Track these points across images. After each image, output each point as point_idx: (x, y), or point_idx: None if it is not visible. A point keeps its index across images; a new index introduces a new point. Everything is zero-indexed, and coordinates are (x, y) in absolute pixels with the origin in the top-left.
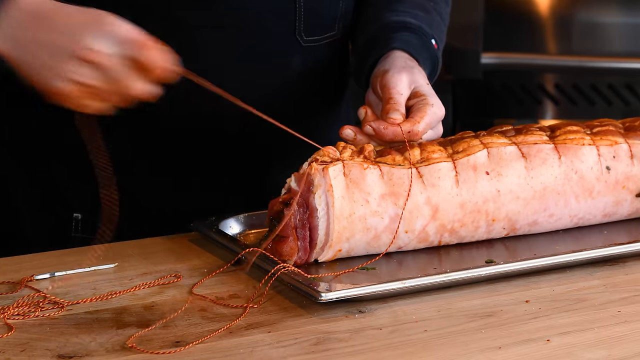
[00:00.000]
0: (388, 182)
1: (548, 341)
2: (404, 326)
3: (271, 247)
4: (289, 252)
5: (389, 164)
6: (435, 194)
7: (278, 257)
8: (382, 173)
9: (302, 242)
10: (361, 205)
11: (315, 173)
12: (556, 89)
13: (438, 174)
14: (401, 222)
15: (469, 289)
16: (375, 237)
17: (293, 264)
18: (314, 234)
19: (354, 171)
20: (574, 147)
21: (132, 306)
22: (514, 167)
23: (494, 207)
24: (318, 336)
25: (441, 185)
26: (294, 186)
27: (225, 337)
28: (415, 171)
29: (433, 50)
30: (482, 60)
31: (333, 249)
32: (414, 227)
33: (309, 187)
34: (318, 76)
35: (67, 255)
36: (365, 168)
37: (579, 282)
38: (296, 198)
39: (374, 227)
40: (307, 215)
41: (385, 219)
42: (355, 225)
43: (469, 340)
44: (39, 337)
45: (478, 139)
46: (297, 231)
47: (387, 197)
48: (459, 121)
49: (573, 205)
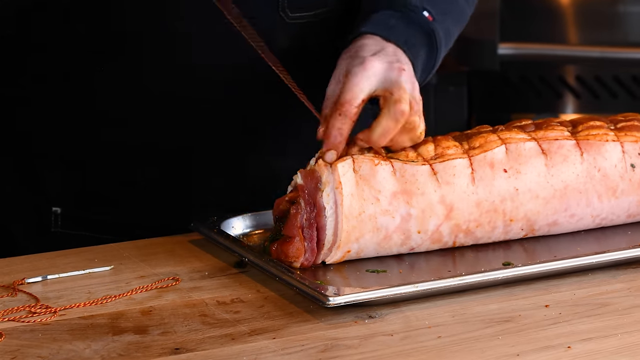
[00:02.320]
0: (400, 179)
1: (569, 348)
2: (417, 332)
3: (276, 249)
4: (295, 254)
5: (401, 159)
6: (450, 192)
7: (284, 259)
8: (395, 169)
9: (309, 242)
10: (371, 203)
11: (323, 169)
12: (577, 81)
13: (453, 171)
14: (413, 222)
15: (485, 293)
16: (386, 238)
17: (300, 266)
18: (322, 234)
19: (365, 167)
20: (597, 143)
21: (129, 311)
22: (533, 165)
23: (512, 206)
24: (326, 343)
25: (456, 183)
26: (301, 183)
27: (227, 344)
28: (429, 168)
29: (425, 23)
30: (498, 50)
31: (341, 250)
32: (427, 227)
33: (317, 184)
34: (307, 58)
35: (59, 257)
36: (376, 164)
37: (602, 286)
38: (303, 196)
39: (385, 227)
40: (314, 214)
41: (397, 218)
42: (365, 224)
43: (485, 347)
44: (31, 343)
45: (495, 134)
46: (304, 231)
47: (399, 195)
48: (475, 115)
49: (595, 205)
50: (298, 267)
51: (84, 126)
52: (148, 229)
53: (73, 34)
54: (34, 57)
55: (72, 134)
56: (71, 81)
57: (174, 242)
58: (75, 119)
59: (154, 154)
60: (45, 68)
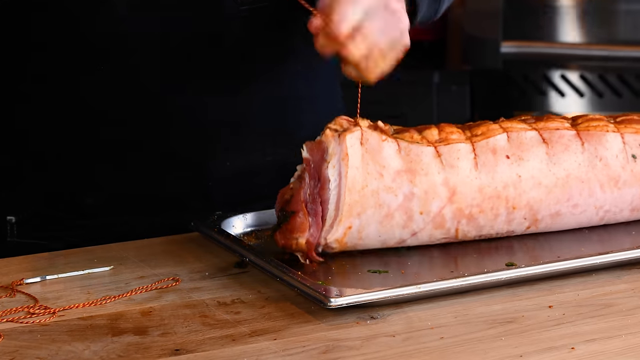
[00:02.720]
0: (405, 157)
1: (572, 349)
2: (419, 333)
3: (281, 230)
4: (299, 228)
5: (407, 140)
6: (454, 175)
7: (289, 237)
8: (400, 148)
9: (314, 217)
10: (375, 178)
11: (331, 140)
12: (581, 80)
13: (457, 154)
14: (416, 202)
15: (488, 294)
16: (388, 216)
17: (305, 242)
18: (325, 208)
19: (372, 141)
20: (598, 133)
21: (129, 312)
22: (535, 153)
23: (514, 193)
24: (327, 344)
25: (460, 167)
26: (307, 156)
27: (227, 345)
28: (434, 150)
29: None
30: (501, 49)
31: (343, 225)
32: (429, 208)
33: (323, 155)
34: (259, 48)
35: (58, 257)
36: (383, 140)
37: (606, 286)
38: (308, 169)
39: (387, 204)
40: (318, 188)
41: (399, 196)
42: (367, 199)
43: (488, 348)
44: (29, 344)
45: (497, 124)
46: (308, 206)
47: (402, 173)
48: (477, 114)
49: (598, 195)
50: (304, 243)
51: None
52: (148, 229)
53: (73, 34)
54: (34, 57)
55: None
56: (70, 81)
57: (173, 241)
58: (75, 118)
59: (154, 153)
60: (45, 68)
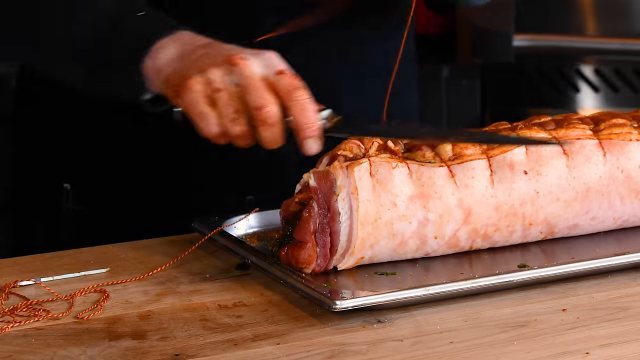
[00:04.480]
0: (417, 182)
1: (587, 354)
2: (428, 337)
3: (286, 253)
4: (307, 260)
5: (418, 161)
6: (468, 196)
7: (295, 265)
8: (411, 172)
9: (322, 248)
10: (388, 209)
11: (339, 172)
12: (596, 74)
13: (472, 173)
14: (431, 227)
15: (500, 297)
16: (402, 244)
17: (311, 272)
18: (335, 239)
19: (382, 171)
20: (620, 143)
21: (126, 315)
22: (554, 166)
23: (531, 209)
24: (332, 348)
25: (475, 186)
26: (313, 184)
27: (229, 350)
28: (447, 170)
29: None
30: (514, 42)
31: (355, 257)
32: (444, 232)
33: (331, 187)
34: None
35: (54, 259)
36: (394, 167)
37: (621, 289)
38: (316, 199)
39: (401, 232)
40: (327, 219)
41: (414, 223)
42: (380, 231)
43: (500, 353)
44: (23, 349)
45: (515, 133)
46: (317, 236)
47: (415, 199)
48: (489, 109)
49: (617, 207)
50: (309, 272)
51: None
52: (147, 228)
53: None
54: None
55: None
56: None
57: (173, 243)
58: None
59: (154, 153)
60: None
